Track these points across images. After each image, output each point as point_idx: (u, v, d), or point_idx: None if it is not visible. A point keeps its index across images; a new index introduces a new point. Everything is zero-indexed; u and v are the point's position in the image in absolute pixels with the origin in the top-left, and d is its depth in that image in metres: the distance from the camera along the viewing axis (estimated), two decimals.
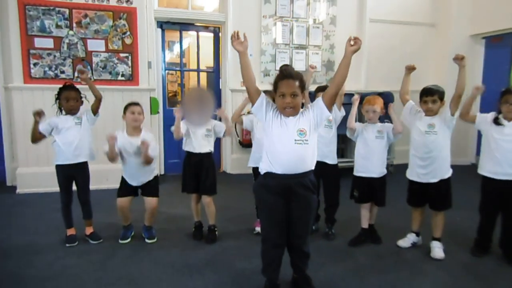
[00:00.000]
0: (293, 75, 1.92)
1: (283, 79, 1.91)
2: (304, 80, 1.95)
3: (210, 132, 2.89)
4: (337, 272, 2.40)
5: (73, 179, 2.84)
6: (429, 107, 2.59)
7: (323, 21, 5.45)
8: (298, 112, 1.96)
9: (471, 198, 2.75)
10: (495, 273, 2.42)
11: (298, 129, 1.93)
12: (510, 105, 2.46)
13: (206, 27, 5.25)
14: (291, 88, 1.89)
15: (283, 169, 1.92)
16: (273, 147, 1.95)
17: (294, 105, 1.91)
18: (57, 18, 4.17)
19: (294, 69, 2.02)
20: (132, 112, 2.75)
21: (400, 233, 2.87)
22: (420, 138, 2.64)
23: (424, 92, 2.64)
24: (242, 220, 3.31)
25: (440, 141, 2.58)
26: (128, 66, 4.44)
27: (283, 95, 1.91)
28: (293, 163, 1.92)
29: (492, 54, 5.66)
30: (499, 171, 2.50)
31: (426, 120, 2.63)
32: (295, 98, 1.90)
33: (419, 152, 2.65)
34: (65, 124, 2.74)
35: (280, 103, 1.94)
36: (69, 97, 2.74)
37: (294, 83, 1.89)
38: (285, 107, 1.92)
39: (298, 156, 1.92)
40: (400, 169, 5.01)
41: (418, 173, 2.66)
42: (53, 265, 2.47)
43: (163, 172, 5.12)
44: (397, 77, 5.96)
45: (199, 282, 2.27)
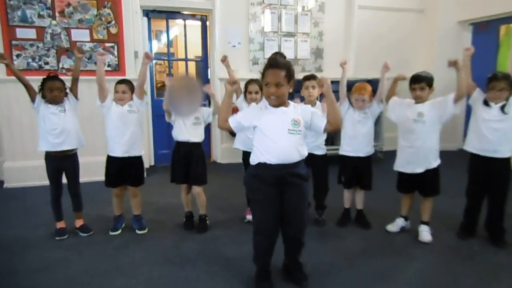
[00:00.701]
0: (279, 64, 1.90)
1: (269, 69, 1.91)
2: (292, 70, 1.93)
3: (199, 120, 2.87)
4: (327, 257, 2.44)
5: (63, 170, 2.80)
6: (418, 94, 2.61)
7: (311, 8, 5.40)
8: (283, 102, 1.95)
9: (459, 183, 2.80)
10: (481, 255, 2.48)
11: (293, 119, 1.93)
12: (497, 91, 2.49)
13: (193, 15, 5.17)
14: (276, 78, 1.87)
15: (277, 159, 1.91)
16: (266, 137, 1.93)
17: (278, 95, 1.90)
18: (39, 8, 4.06)
19: (284, 58, 1.98)
20: (116, 91, 2.76)
21: (389, 218, 2.92)
22: (408, 126, 2.66)
23: (412, 80, 2.66)
24: (233, 209, 3.32)
25: (428, 130, 2.60)
26: (114, 56, 4.36)
27: (267, 84, 1.91)
28: (287, 152, 1.92)
29: (479, 40, 5.70)
30: (485, 147, 2.54)
31: (416, 108, 2.64)
32: (280, 88, 1.89)
33: (406, 140, 2.68)
34: (49, 110, 2.70)
35: (265, 92, 1.95)
36: (53, 87, 2.69)
37: (279, 72, 1.87)
38: (269, 96, 1.92)
39: (292, 145, 1.92)
40: (389, 155, 5.08)
41: (404, 163, 2.70)
42: (44, 258, 2.46)
43: (153, 163, 5.09)
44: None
45: (191, 272, 2.28)
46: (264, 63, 1.98)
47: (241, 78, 3.28)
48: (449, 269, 2.30)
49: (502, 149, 2.51)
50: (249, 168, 2.07)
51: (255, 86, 2.86)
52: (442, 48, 5.77)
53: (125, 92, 2.76)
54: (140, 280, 2.19)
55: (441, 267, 2.32)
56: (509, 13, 4.83)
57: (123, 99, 2.75)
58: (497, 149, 2.51)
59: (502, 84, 2.47)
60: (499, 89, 2.47)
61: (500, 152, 2.51)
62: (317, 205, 3.04)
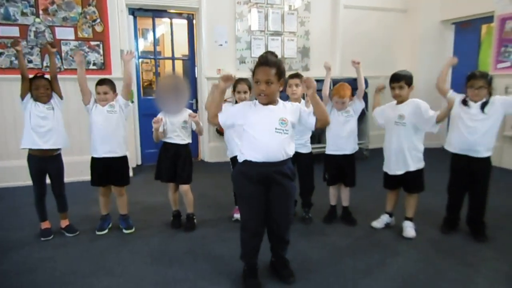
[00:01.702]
0: (269, 62, 1.90)
1: (259, 66, 1.92)
2: (282, 68, 1.93)
3: (187, 124, 2.86)
4: (314, 254, 2.47)
5: (46, 171, 2.77)
6: (397, 93, 2.65)
7: (298, 7, 5.44)
8: (273, 100, 1.96)
9: (442, 180, 2.86)
10: (463, 249, 2.55)
11: (280, 118, 1.93)
12: (475, 89, 2.54)
13: (180, 14, 5.15)
14: (265, 76, 1.88)
15: (263, 157, 1.92)
16: (252, 135, 1.94)
17: (268, 93, 1.91)
18: (22, 5, 3.99)
19: (275, 57, 1.97)
20: (98, 93, 2.72)
21: (374, 215, 2.97)
22: (389, 127, 2.72)
23: (391, 79, 2.69)
24: (220, 207, 3.33)
25: (408, 133, 2.63)
26: (99, 54, 4.32)
27: (257, 81, 1.92)
28: (273, 151, 1.93)
29: (461, 39, 5.82)
30: (465, 147, 2.60)
31: (397, 110, 2.68)
32: (270, 86, 1.90)
33: (387, 140, 2.74)
34: (37, 107, 2.67)
35: (255, 89, 1.96)
36: (39, 85, 2.67)
37: (269, 70, 1.88)
38: (259, 94, 1.93)
39: (278, 144, 1.93)
40: (375, 153, 5.16)
41: (388, 165, 2.76)
42: (29, 259, 2.43)
43: (140, 163, 5.06)
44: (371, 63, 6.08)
45: (179, 271, 2.28)
46: (254, 61, 1.99)
47: None
48: (432, 263, 2.36)
49: (481, 149, 2.56)
50: (236, 165, 2.08)
51: (244, 86, 2.84)
52: (425, 47, 5.89)
53: (107, 92, 2.72)
54: (128, 280, 2.19)
55: (425, 262, 2.38)
56: (490, 12, 4.95)
57: (105, 100, 2.72)
58: (477, 149, 2.56)
59: (480, 82, 2.52)
60: (477, 87, 2.52)
61: (479, 152, 2.57)
62: (303, 203, 3.07)
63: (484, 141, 2.55)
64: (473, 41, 5.59)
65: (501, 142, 4.57)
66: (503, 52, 4.75)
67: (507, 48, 4.71)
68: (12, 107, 3.92)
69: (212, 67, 5.09)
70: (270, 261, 2.25)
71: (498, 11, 4.81)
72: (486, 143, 2.56)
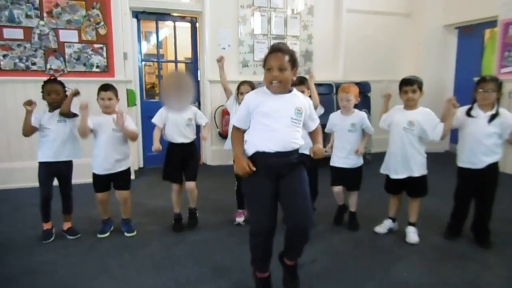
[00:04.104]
0: (282, 48, 1.82)
1: (272, 53, 1.82)
2: (295, 57, 1.85)
3: (191, 121, 2.86)
4: (316, 259, 2.45)
5: (56, 174, 2.77)
6: (410, 96, 2.61)
7: (301, 11, 5.44)
8: (287, 89, 1.87)
9: (446, 185, 2.84)
10: (466, 255, 2.52)
11: (296, 107, 1.85)
12: (485, 92, 2.52)
13: (183, 17, 5.17)
14: (278, 61, 1.78)
15: (278, 147, 1.81)
16: (267, 124, 1.82)
17: (282, 79, 1.79)
18: (27, 8, 4.01)
19: (286, 45, 1.89)
20: (102, 98, 2.68)
21: (377, 219, 2.95)
22: (396, 132, 2.68)
23: (403, 82, 2.66)
24: (222, 211, 3.31)
25: (416, 139, 2.62)
26: (103, 57, 4.33)
27: (269, 68, 1.81)
28: (288, 141, 1.83)
29: (464, 44, 5.82)
30: (475, 160, 2.57)
31: (407, 116, 2.64)
32: (283, 72, 1.79)
33: (393, 145, 2.71)
34: (48, 121, 2.68)
35: (267, 76, 1.84)
36: (50, 90, 2.67)
37: (282, 56, 1.79)
38: (271, 81, 1.81)
39: (293, 134, 1.84)
40: (378, 157, 5.13)
41: (389, 166, 2.74)
42: (29, 262, 2.42)
43: (142, 165, 5.06)
44: (374, 67, 6.10)
45: (180, 274, 2.27)
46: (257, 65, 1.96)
47: (231, 80, 3.29)
48: (435, 269, 2.34)
49: (488, 159, 2.55)
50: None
51: (247, 87, 2.87)
52: (428, 52, 5.89)
53: (111, 98, 2.69)
54: (129, 283, 2.18)
55: (428, 268, 2.36)
56: (494, 17, 4.94)
57: (109, 106, 2.69)
58: (485, 160, 2.55)
59: (490, 85, 2.50)
60: (487, 90, 2.50)
61: (486, 162, 2.55)
62: None
63: (492, 152, 2.55)
64: (476, 45, 5.58)
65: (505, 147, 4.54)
66: (507, 56, 4.74)
67: (510, 52, 4.70)
68: (15, 109, 3.92)
69: (215, 71, 5.02)
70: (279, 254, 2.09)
71: (501, 16, 4.80)
72: (492, 153, 2.55)
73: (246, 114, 1.89)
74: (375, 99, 5.52)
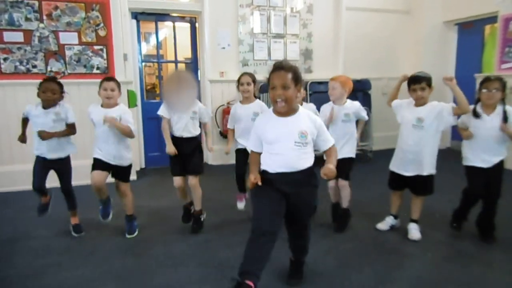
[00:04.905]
0: (284, 66, 1.84)
1: (275, 71, 1.85)
2: (299, 73, 1.86)
3: (196, 114, 2.84)
4: (318, 258, 2.45)
5: (52, 168, 2.78)
6: (419, 94, 2.58)
7: (300, 9, 5.44)
8: (291, 108, 1.86)
9: (447, 181, 2.84)
10: (469, 251, 2.53)
11: (300, 131, 1.85)
12: (489, 92, 2.50)
13: (182, 17, 5.17)
14: (281, 80, 1.80)
15: (283, 168, 1.86)
16: (269, 151, 1.89)
17: (286, 98, 1.81)
18: (26, 11, 4.02)
19: (289, 62, 1.91)
20: (104, 89, 2.67)
21: (378, 216, 2.95)
22: (406, 129, 2.66)
23: (412, 80, 2.62)
24: (224, 211, 3.32)
25: (426, 136, 2.59)
26: (103, 58, 4.34)
27: (273, 87, 1.83)
28: (292, 163, 1.86)
29: (464, 40, 5.81)
30: (486, 158, 2.56)
31: (415, 112, 2.62)
32: (287, 91, 1.80)
33: (403, 142, 2.69)
34: (42, 117, 2.69)
35: (271, 95, 1.86)
36: (46, 88, 2.67)
37: (285, 74, 1.81)
38: (275, 100, 1.82)
39: (298, 156, 1.86)
40: (379, 155, 5.15)
41: (398, 164, 2.73)
42: (34, 264, 2.44)
43: (144, 166, 5.07)
44: (374, 64, 6.09)
45: (184, 274, 2.28)
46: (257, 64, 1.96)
47: (231, 79, 3.30)
48: (439, 266, 2.34)
49: (497, 158, 2.55)
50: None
51: (247, 77, 2.94)
52: (428, 48, 5.88)
53: (114, 89, 2.69)
54: (132, 284, 2.19)
55: (431, 265, 2.36)
56: (494, 13, 4.93)
57: (111, 96, 2.69)
58: (492, 160, 2.55)
59: (495, 84, 2.49)
60: (492, 89, 2.49)
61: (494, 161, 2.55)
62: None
63: (497, 150, 2.55)
64: (476, 41, 5.57)
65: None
66: (507, 52, 4.73)
67: (511, 48, 4.69)
68: (16, 112, 3.92)
69: (215, 70, 5.10)
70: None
71: (502, 11, 4.79)
72: (499, 153, 2.56)
73: (256, 139, 1.97)
74: (375, 96, 5.54)
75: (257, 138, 1.96)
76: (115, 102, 2.73)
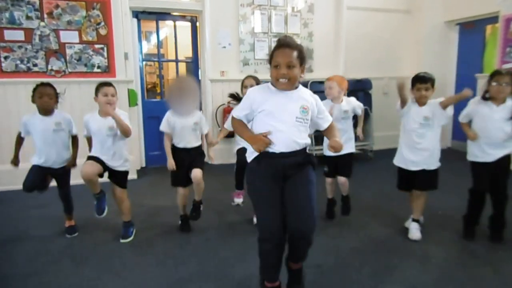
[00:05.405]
0: (290, 44, 1.70)
1: (279, 48, 1.71)
2: (304, 53, 1.73)
3: (197, 125, 2.82)
4: (318, 257, 2.45)
5: (50, 173, 2.76)
6: (423, 94, 2.60)
7: (301, 9, 5.44)
8: (294, 86, 1.76)
9: (447, 181, 2.84)
10: (472, 252, 2.52)
11: (302, 105, 1.74)
12: (499, 85, 2.48)
13: (183, 16, 5.17)
14: (287, 57, 1.67)
15: (281, 148, 1.73)
16: (271, 124, 1.72)
17: (290, 77, 1.68)
18: (27, 9, 4.02)
19: (294, 40, 1.79)
20: (105, 95, 2.60)
21: (378, 216, 2.95)
22: (414, 129, 2.66)
23: (417, 80, 2.64)
24: (225, 210, 3.33)
25: (433, 133, 2.64)
26: (104, 57, 4.34)
27: (277, 65, 1.69)
28: (292, 141, 1.73)
29: (465, 40, 5.80)
30: (491, 152, 2.55)
31: (421, 112, 2.64)
32: (292, 70, 1.68)
33: (411, 140, 2.69)
34: (42, 126, 2.67)
35: (274, 74, 1.72)
36: (43, 93, 2.63)
37: (291, 52, 1.68)
38: (279, 78, 1.70)
39: (298, 134, 1.74)
40: (380, 154, 5.15)
41: (406, 161, 2.72)
42: (34, 262, 2.44)
43: (144, 165, 5.07)
44: (375, 64, 6.08)
45: (184, 273, 2.28)
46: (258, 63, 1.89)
47: (232, 79, 3.31)
48: (440, 266, 2.34)
49: (503, 151, 2.54)
50: (248, 164, 1.85)
51: (251, 80, 2.92)
52: (429, 48, 5.87)
53: (114, 95, 2.65)
54: (133, 282, 2.19)
55: (433, 264, 2.36)
56: (495, 13, 4.92)
57: (113, 102, 2.65)
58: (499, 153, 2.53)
59: (506, 78, 2.48)
60: (502, 83, 2.47)
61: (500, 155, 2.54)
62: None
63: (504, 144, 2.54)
64: (477, 41, 5.56)
65: None
66: (509, 52, 4.72)
67: None
68: (17, 110, 3.94)
69: (216, 70, 5.10)
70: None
71: (503, 11, 4.78)
72: (505, 147, 2.55)
73: (249, 109, 1.79)
74: (376, 96, 5.53)
75: (250, 109, 1.78)
76: (114, 108, 2.67)
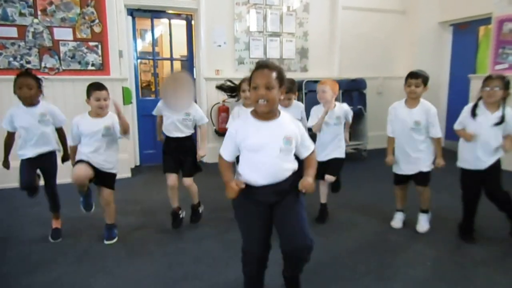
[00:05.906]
0: (269, 65, 1.68)
1: (258, 70, 1.68)
2: (283, 74, 1.70)
3: (189, 116, 2.82)
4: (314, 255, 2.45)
5: (38, 167, 2.71)
6: (412, 89, 2.63)
7: (296, 8, 5.44)
8: (273, 110, 1.71)
9: (443, 181, 2.86)
10: (472, 252, 2.54)
11: (285, 136, 1.69)
12: (490, 90, 2.50)
13: (178, 14, 5.15)
14: (265, 78, 1.63)
15: (266, 180, 1.70)
16: (253, 159, 1.70)
17: (269, 98, 1.63)
18: (20, 6, 3.98)
19: (273, 62, 1.79)
20: (97, 99, 2.53)
21: (372, 215, 2.97)
22: (405, 133, 2.71)
23: (409, 75, 2.68)
24: (220, 208, 3.33)
25: (424, 137, 2.68)
26: (98, 55, 4.31)
27: (255, 87, 1.66)
28: (278, 173, 1.71)
29: (459, 41, 5.85)
30: (483, 159, 2.56)
31: (412, 116, 2.66)
32: (271, 91, 1.63)
33: (404, 145, 2.73)
34: (27, 117, 2.60)
35: (253, 96, 1.68)
36: (22, 84, 2.50)
37: (270, 73, 1.65)
38: (257, 100, 1.64)
39: (283, 164, 1.71)
40: (373, 154, 5.17)
41: (402, 166, 2.78)
42: (27, 261, 2.43)
43: (139, 163, 5.05)
44: (370, 64, 6.11)
45: (178, 272, 2.28)
46: (253, 62, 1.90)
47: (227, 77, 3.31)
48: (441, 265, 2.36)
49: (493, 158, 2.56)
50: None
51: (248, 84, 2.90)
52: (423, 49, 5.91)
53: (106, 99, 2.57)
54: (127, 281, 2.19)
55: (433, 263, 2.38)
56: (488, 14, 4.96)
57: (106, 107, 2.59)
58: (489, 161, 2.55)
59: (495, 82, 2.49)
60: (493, 86, 2.48)
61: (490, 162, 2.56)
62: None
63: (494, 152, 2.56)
64: (471, 42, 5.61)
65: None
66: (501, 53, 4.77)
67: (504, 49, 4.73)
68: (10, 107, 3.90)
69: (211, 68, 5.09)
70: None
71: (496, 13, 4.83)
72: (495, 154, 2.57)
73: (234, 147, 1.75)
74: (370, 95, 5.56)
75: (235, 146, 1.74)
76: (107, 111, 2.63)
